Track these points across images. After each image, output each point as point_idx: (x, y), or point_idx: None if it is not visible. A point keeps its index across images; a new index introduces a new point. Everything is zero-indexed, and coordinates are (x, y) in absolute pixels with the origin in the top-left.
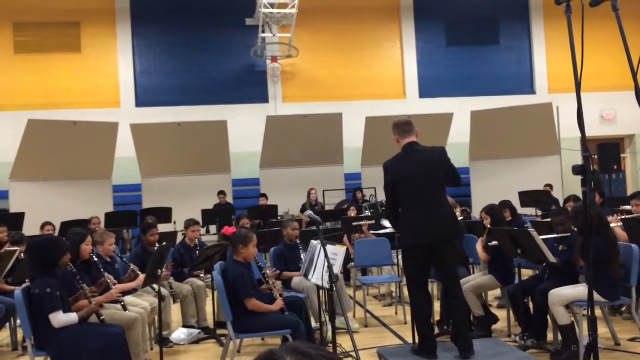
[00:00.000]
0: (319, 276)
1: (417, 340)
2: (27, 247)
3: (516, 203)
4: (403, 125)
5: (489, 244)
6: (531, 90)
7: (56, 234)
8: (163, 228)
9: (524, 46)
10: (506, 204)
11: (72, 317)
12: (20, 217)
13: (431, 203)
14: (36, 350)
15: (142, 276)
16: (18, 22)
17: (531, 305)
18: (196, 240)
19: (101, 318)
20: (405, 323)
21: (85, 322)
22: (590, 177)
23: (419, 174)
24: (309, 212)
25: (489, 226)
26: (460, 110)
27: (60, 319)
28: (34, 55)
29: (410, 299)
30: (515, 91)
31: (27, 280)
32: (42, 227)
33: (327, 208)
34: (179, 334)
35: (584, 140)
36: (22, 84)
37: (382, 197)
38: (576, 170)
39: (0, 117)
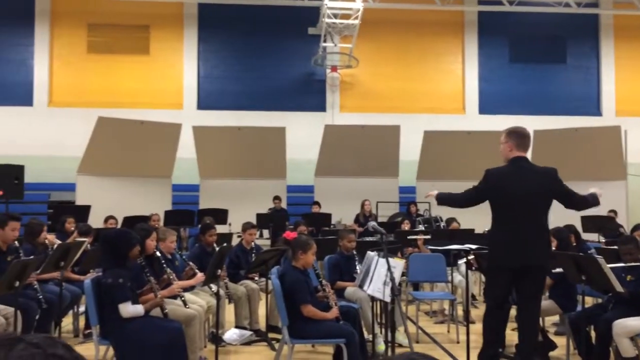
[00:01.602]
0: (375, 287)
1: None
2: (99, 239)
3: (578, 227)
4: (520, 138)
5: (553, 270)
6: (597, 112)
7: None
8: (218, 229)
9: (591, 66)
10: (570, 229)
11: (139, 309)
12: (86, 209)
13: (530, 225)
14: (100, 339)
15: (200, 274)
16: (92, 23)
17: (593, 335)
18: (252, 243)
19: (164, 311)
20: (458, 342)
21: (147, 315)
22: None
23: (525, 192)
24: (373, 224)
25: (554, 249)
26: None
27: (129, 309)
28: (105, 56)
29: (486, 314)
30: (580, 112)
31: (91, 270)
32: (106, 220)
33: (379, 220)
34: (231, 334)
35: None
36: (93, 83)
37: (436, 212)
38: None
39: (72, 113)
